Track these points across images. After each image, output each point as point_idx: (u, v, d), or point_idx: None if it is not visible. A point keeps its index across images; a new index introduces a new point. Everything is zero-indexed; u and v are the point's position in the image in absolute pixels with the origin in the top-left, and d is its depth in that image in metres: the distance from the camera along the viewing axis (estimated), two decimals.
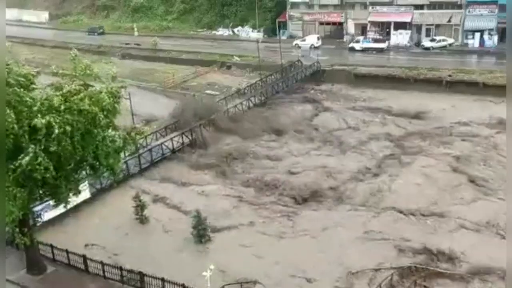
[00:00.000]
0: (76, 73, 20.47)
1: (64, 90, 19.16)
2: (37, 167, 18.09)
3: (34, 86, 20.14)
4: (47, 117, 18.01)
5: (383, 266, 23.55)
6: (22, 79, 19.35)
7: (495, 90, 42.36)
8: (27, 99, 18.30)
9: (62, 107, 18.51)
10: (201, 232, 25.78)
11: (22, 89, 18.74)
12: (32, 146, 18.17)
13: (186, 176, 33.58)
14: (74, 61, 20.79)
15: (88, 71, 20.68)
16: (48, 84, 20.58)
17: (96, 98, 19.38)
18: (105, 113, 19.59)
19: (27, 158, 17.92)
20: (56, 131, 18.08)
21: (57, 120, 18.18)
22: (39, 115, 18.11)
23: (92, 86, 20.67)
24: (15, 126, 17.77)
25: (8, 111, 17.66)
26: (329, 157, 35.88)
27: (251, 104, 44.03)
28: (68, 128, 18.50)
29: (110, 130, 20.70)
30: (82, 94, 19.17)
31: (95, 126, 19.49)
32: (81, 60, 20.99)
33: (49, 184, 19.57)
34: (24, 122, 18.30)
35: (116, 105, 20.57)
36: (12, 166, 18.13)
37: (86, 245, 25.57)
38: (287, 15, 66.58)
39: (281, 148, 37.74)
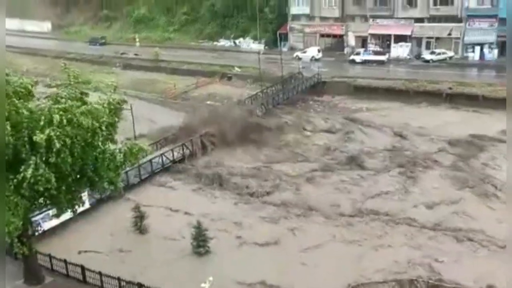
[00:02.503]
0: (71, 81, 20.49)
1: (65, 105, 19.04)
2: (39, 178, 18.06)
3: (34, 96, 20.13)
4: (47, 131, 17.95)
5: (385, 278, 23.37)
6: (22, 89, 19.36)
7: (495, 103, 42.49)
8: (24, 111, 18.22)
9: (65, 121, 18.45)
10: (201, 243, 25.67)
11: (20, 100, 18.73)
12: (33, 158, 18.13)
13: (186, 188, 33.53)
14: (66, 71, 20.87)
15: (80, 79, 20.71)
16: (46, 96, 20.52)
17: (96, 113, 19.29)
18: (104, 126, 19.51)
19: (30, 170, 17.88)
20: (57, 145, 18.03)
21: (57, 133, 18.13)
22: (38, 130, 17.97)
23: (87, 94, 20.70)
24: (11, 138, 17.74)
25: (6, 123, 17.61)
26: None
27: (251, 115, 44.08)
28: (68, 140, 18.45)
29: (109, 144, 20.61)
30: (83, 108, 19.12)
31: (94, 139, 19.42)
32: (70, 69, 21.03)
33: (49, 195, 19.51)
34: (24, 133, 18.27)
35: (116, 118, 20.54)
36: (15, 179, 18.07)
37: (80, 252, 25.42)
38: (288, 27, 67.03)
39: None
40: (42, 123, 18.09)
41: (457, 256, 24.73)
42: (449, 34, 57.61)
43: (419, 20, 59.03)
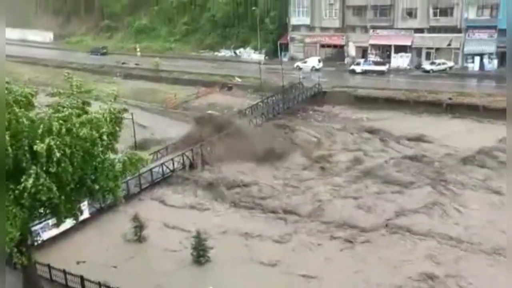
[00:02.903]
0: (73, 91, 20.48)
1: (65, 113, 19.03)
2: (40, 187, 18.02)
3: (35, 106, 20.10)
4: (47, 140, 17.93)
5: None
6: (23, 98, 19.34)
7: (496, 113, 42.47)
8: (24, 120, 18.20)
9: (64, 130, 18.43)
10: (201, 253, 25.56)
11: (21, 109, 18.71)
12: (34, 167, 18.10)
13: (186, 199, 33.39)
14: (69, 80, 20.89)
15: (83, 89, 20.71)
16: (47, 105, 20.50)
17: (96, 123, 19.26)
18: (104, 137, 19.46)
19: (30, 180, 17.84)
20: (57, 154, 18.00)
21: (57, 143, 18.10)
22: (38, 140, 17.93)
23: (89, 103, 20.68)
24: (9, 148, 17.73)
25: (5, 133, 17.58)
26: None
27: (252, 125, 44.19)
28: (68, 150, 18.42)
29: (109, 153, 20.55)
30: (83, 118, 19.09)
31: (93, 148, 19.35)
32: (73, 78, 21.02)
33: (50, 204, 19.44)
34: (24, 142, 18.24)
35: (117, 127, 20.50)
36: (17, 190, 18.02)
37: (78, 263, 25.27)
38: (288, 37, 67.33)
39: None
40: (40, 130, 18.07)
41: (487, 278, 23.31)
42: (449, 44, 57.87)
43: (419, 30, 59.36)
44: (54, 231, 26.51)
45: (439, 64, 57.33)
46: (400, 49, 60.33)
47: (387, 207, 30.34)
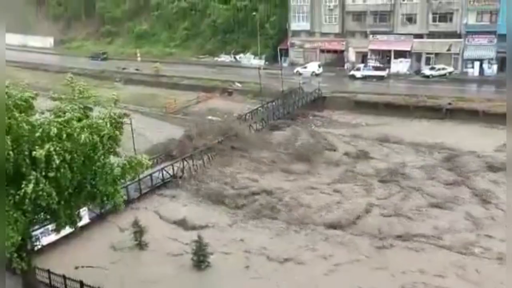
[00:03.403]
0: (75, 96, 20.44)
1: (65, 118, 18.99)
2: (40, 193, 17.98)
3: (35, 110, 20.07)
4: (47, 146, 17.89)
5: None
6: (23, 103, 19.34)
7: (496, 118, 42.39)
8: (24, 125, 18.18)
9: (64, 135, 18.41)
10: (202, 258, 25.48)
11: (22, 114, 18.70)
12: (33, 172, 18.08)
13: (185, 203, 33.38)
14: (71, 85, 20.84)
15: (86, 94, 20.67)
16: (48, 109, 20.47)
17: (96, 127, 19.21)
18: (105, 140, 19.43)
19: (30, 185, 17.81)
20: (57, 161, 17.96)
21: (57, 148, 18.07)
22: (37, 145, 17.89)
23: (91, 108, 20.67)
24: (11, 153, 17.71)
25: (6, 137, 17.57)
26: None
27: (252, 130, 44.22)
28: (68, 156, 18.39)
29: (111, 157, 20.51)
30: (84, 122, 19.06)
31: (94, 152, 19.32)
32: (76, 83, 20.96)
33: (50, 209, 19.39)
34: (24, 147, 18.22)
35: (117, 131, 20.49)
36: (17, 196, 17.99)
37: (77, 268, 25.24)
38: (288, 43, 67.45)
39: None
40: (38, 134, 18.05)
41: None
42: (449, 49, 58.00)
43: (419, 36, 59.49)
44: (54, 237, 26.42)
45: (438, 69, 57.42)
46: (399, 54, 60.44)
47: (422, 218, 29.31)
